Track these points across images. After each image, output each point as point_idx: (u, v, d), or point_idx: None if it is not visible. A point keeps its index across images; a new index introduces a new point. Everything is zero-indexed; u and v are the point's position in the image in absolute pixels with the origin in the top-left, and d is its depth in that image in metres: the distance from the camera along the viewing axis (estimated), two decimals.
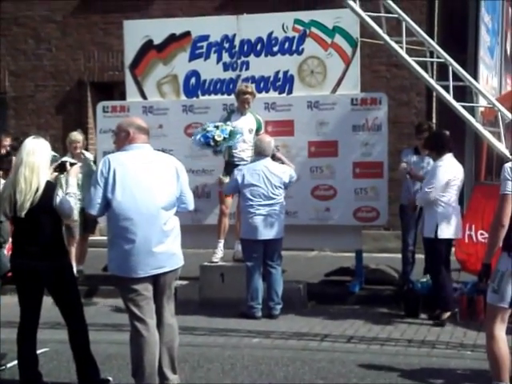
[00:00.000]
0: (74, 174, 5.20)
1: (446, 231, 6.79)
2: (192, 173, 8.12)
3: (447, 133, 7.19)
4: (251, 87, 7.69)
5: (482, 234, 7.44)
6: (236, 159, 7.65)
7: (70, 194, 5.02)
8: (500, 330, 4.44)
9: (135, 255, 4.63)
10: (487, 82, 11.30)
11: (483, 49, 10.74)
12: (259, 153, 7.27)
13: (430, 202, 6.80)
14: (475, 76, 10.16)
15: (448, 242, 6.91)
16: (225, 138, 7.45)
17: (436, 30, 10.41)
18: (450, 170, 6.83)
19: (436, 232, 6.75)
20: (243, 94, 7.59)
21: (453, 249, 7.21)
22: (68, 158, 7.90)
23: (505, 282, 4.38)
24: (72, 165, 5.20)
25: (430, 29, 10.28)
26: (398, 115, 10.23)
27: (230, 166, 7.61)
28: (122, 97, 8.75)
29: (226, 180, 7.58)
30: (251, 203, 7.08)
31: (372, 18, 6.21)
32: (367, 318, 7.01)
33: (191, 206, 4.94)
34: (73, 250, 8.31)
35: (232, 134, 7.46)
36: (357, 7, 6.14)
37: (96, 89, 11.68)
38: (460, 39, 10.76)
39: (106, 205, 4.71)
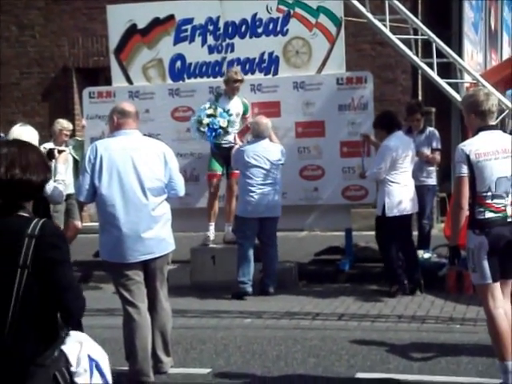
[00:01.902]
0: (63, 161, 5.22)
1: (393, 209, 6.85)
2: (180, 156, 8.11)
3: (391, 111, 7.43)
4: (241, 74, 7.67)
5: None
6: (223, 142, 7.67)
7: (58, 181, 5.03)
8: (495, 307, 4.45)
9: (124, 241, 4.68)
10: (472, 57, 11.33)
11: (467, 25, 10.76)
12: (257, 135, 7.33)
13: (379, 181, 6.96)
14: (460, 52, 10.20)
15: (401, 219, 6.92)
16: (229, 121, 7.47)
17: (420, 7, 10.42)
18: (396, 149, 6.92)
19: (384, 210, 6.84)
20: (234, 81, 7.60)
21: (442, 225, 7.29)
22: (51, 144, 7.95)
23: (478, 259, 4.42)
24: (60, 152, 5.21)
25: (413, 6, 10.28)
26: (384, 93, 10.25)
27: (216, 149, 7.64)
28: (108, 82, 8.73)
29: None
30: (252, 181, 7.16)
31: None
32: (358, 295, 7.09)
33: (182, 191, 4.98)
34: None
35: (228, 113, 7.50)
36: None
37: (81, 75, 11.63)
38: (444, 16, 10.78)
39: (95, 191, 4.74)
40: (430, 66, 5.95)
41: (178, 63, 8.22)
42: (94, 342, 2.71)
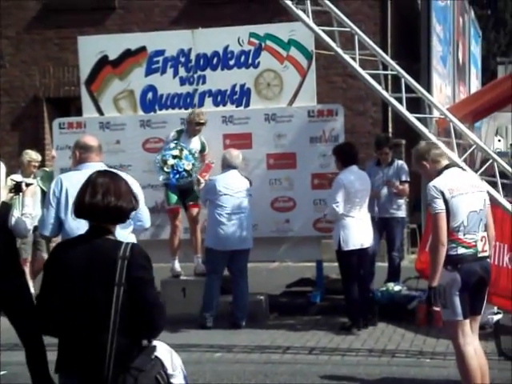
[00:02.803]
0: (30, 195, 5.17)
1: (349, 243, 6.85)
2: (151, 188, 8.12)
3: (353, 145, 7.39)
4: (204, 117, 7.66)
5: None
6: None
7: (25, 215, 4.99)
8: (465, 344, 4.46)
9: None
10: (441, 90, 11.53)
11: (436, 58, 10.97)
12: (228, 165, 7.32)
13: (337, 216, 6.87)
14: (428, 85, 10.38)
15: (358, 253, 6.90)
16: (193, 164, 7.46)
17: (389, 40, 10.58)
18: (349, 183, 6.90)
19: (339, 244, 6.85)
20: (196, 124, 7.59)
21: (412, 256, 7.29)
22: (19, 176, 7.86)
23: (449, 295, 4.44)
24: (28, 185, 5.16)
25: (383, 40, 10.46)
26: (355, 125, 10.37)
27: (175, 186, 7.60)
28: (79, 112, 8.69)
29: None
30: (222, 212, 7.12)
31: (325, 31, 6.26)
32: (328, 328, 7.06)
33: (148, 223, 4.95)
34: (26, 270, 8.20)
35: (193, 156, 7.48)
36: (310, 21, 6.20)
37: (52, 104, 11.59)
38: (413, 49, 10.96)
39: (60, 225, 4.69)
40: (400, 100, 6.02)
41: (150, 94, 8.21)
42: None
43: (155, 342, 3.06)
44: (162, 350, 3.07)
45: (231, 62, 8.06)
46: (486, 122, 14.84)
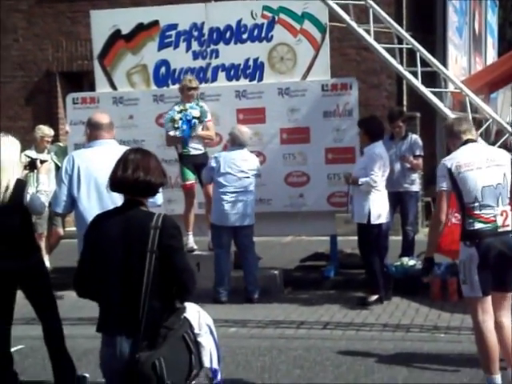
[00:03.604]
0: (45, 172, 5.15)
1: (379, 217, 6.85)
2: (165, 162, 8.04)
3: (380, 119, 7.30)
4: (196, 82, 7.62)
5: (455, 217, 7.54)
6: (191, 149, 7.61)
7: (41, 192, 4.98)
8: (484, 321, 4.45)
9: None
10: (456, 62, 11.39)
11: (451, 29, 10.82)
12: (239, 143, 7.28)
13: (371, 188, 6.84)
14: (444, 57, 10.27)
15: (381, 227, 6.92)
16: (201, 111, 7.44)
17: (404, 12, 10.42)
18: (382, 156, 6.93)
19: (369, 218, 6.81)
20: (188, 89, 7.54)
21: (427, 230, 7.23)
22: (33, 151, 7.90)
23: (468, 271, 4.43)
24: (42, 162, 5.16)
25: (398, 11, 10.31)
26: (369, 98, 10.28)
27: (186, 157, 7.60)
28: (92, 86, 8.68)
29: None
30: (225, 190, 7.12)
31: (340, 4, 6.18)
32: (343, 302, 7.07)
33: (160, 200, 4.95)
34: (42, 245, 8.26)
35: (198, 105, 7.46)
36: None
37: (65, 79, 11.56)
38: (429, 20, 10.81)
39: (72, 202, 4.72)
40: (415, 74, 5.95)
41: (163, 69, 8.19)
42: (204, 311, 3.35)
43: (186, 304, 3.28)
44: (191, 310, 3.29)
45: (244, 36, 8.00)
46: (501, 93, 14.65)
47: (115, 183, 3.32)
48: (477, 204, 4.42)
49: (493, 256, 4.40)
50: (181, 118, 7.43)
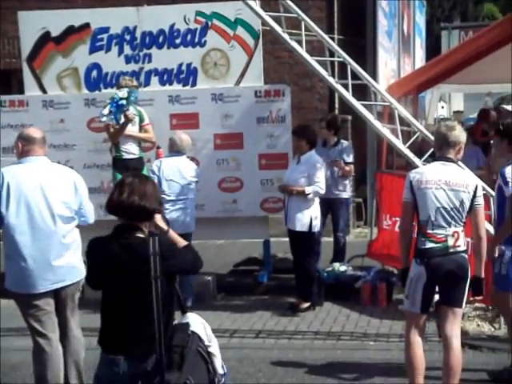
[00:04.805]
0: None
1: (317, 224, 6.96)
2: (97, 167, 8.08)
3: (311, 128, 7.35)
4: (134, 80, 7.55)
5: (387, 222, 7.75)
6: (124, 153, 7.50)
7: None
8: (414, 334, 4.58)
9: (33, 270, 4.61)
10: (386, 65, 11.63)
11: (381, 33, 11.04)
12: (178, 150, 7.25)
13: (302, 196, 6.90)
14: (374, 61, 10.47)
15: (316, 233, 7.02)
16: (128, 92, 7.25)
17: (336, 16, 10.56)
18: (322, 164, 7.09)
19: (311, 225, 6.89)
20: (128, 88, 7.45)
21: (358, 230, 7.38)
22: None
23: (414, 288, 4.54)
24: None
25: (330, 15, 10.45)
26: (302, 101, 10.39)
27: (119, 161, 7.49)
28: (20, 85, 8.48)
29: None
30: (167, 198, 7.07)
31: (272, 16, 6.23)
32: (275, 309, 7.16)
33: (91, 219, 4.93)
34: None
35: (129, 92, 7.28)
36: (257, 7, 6.15)
37: None
38: (360, 24, 10.99)
39: (0, 219, 4.64)
40: (346, 87, 6.06)
41: (94, 73, 8.08)
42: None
43: (189, 316, 3.43)
44: (196, 323, 3.42)
45: (177, 41, 7.96)
46: (429, 92, 15.04)
47: (111, 207, 3.38)
48: (430, 223, 4.50)
49: (441, 275, 4.50)
50: (109, 104, 7.29)
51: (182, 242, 3.52)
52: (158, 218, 3.49)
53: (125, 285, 3.27)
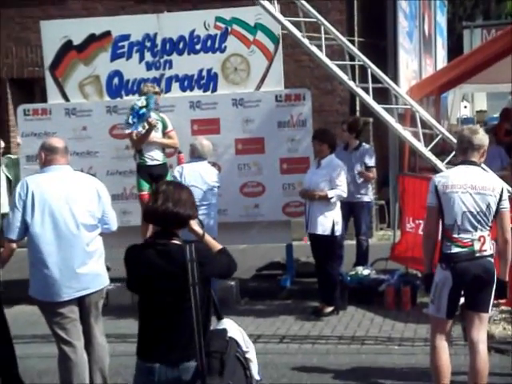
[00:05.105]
0: None
1: (340, 228, 6.96)
2: (119, 174, 8.13)
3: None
4: (156, 87, 7.58)
5: (410, 225, 7.70)
6: (148, 159, 7.54)
7: None
8: (440, 339, 4.55)
9: (58, 279, 4.64)
10: (407, 66, 11.57)
11: (402, 35, 10.99)
12: (199, 156, 7.28)
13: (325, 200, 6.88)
14: (395, 62, 10.42)
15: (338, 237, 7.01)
16: (146, 99, 7.27)
17: (356, 18, 10.53)
18: (344, 167, 7.08)
19: (333, 229, 6.87)
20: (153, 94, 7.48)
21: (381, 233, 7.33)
22: None
23: (439, 293, 4.51)
24: None
25: (350, 18, 10.41)
26: (323, 104, 10.37)
27: (142, 167, 7.54)
28: (43, 93, 8.57)
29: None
30: None
31: (292, 21, 6.23)
32: (299, 313, 7.15)
33: (114, 226, 4.96)
34: None
35: (147, 99, 7.31)
36: (276, 12, 6.15)
37: (16, 85, 11.37)
38: (380, 26, 10.94)
39: (26, 228, 4.68)
40: (366, 90, 6.03)
41: (116, 80, 8.13)
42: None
43: (225, 322, 3.48)
44: (233, 330, 3.47)
45: (197, 47, 7.99)
46: (452, 92, 14.95)
47: (147, 214, 3.46)
48: (455, 227, 4.47)
49: (468, 280, 4.47)
50: (131, 114, 7.36)
51: (217, 246, 3.56)
52: (193, 222, 3.51)
53: (161, 291, 3.31)
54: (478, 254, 4.48)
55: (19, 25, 11.14)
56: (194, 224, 3.52)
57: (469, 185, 4.49)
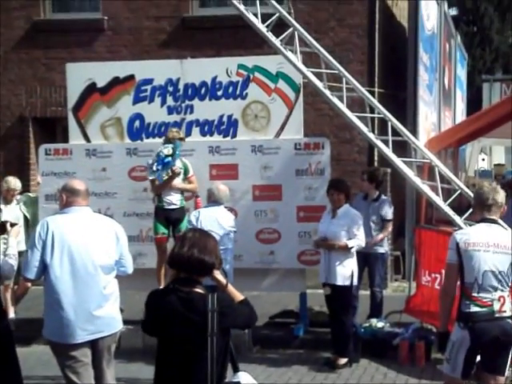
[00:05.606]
0: (15, 235, 5.14)
1: (356, 278, 6.94)
2: (136, 216, 8.16)
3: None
4: (181, 132, 7.65)
5: (426, 278, 7.64)
6: (166, 203, 7.57)
7: (9, 256, 4.96)
8: None
9: (73, 320, 4.62)
10: (427, 118, 11.61)
11: (422, 87, 11.04)
12: (216, 200, 7.30)
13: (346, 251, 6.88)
14: (415, 114, 10.46)
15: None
16: (173, 148, 7.36)
17: (377, 69, 10.63)
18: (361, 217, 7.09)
19: (352, 280, 6.84)
20: (178, 140, 7.53)
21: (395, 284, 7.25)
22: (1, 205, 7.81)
23: (456, 352, 4.43)
24: (12, 225, 5.13)
25: (370, 69, 10.50)
26: (341, 153, 10.40)
27: (160, 211, 7.57)
28: (65, 132, 8.68)
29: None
30: None
31: (313, 72, 6.30)
32: (311, 364, 7.06)
33: (130, 269, 4.96)
34: (8, 297, 8.13)
35: (174, 147, 7.39)
36: (299, 63, 6.23)
37: (38, 124, 11.52)
38: (400, 78, 11.03)
39: (44, 268, 4.69)
40: (386, 143, 6.06)
41: (137, 123, 8.23)
42: None
43: (241, 375, 3.50)
44: (247, 380, 3.52)
45: (219, 93, 8.09)
46: (470, 145, 14.97)
47: (172, 259, 3.47)
48: (476, 286, 4.42)
49: (486, 341, 4.40)
50: (156, 161, 7.43)
51: (239, 297, 3.57)
52: (216, 272, 3.51)
53: (180, 338, 3.33)
54: (497, 315, 4.41)
55: (45, 65, 11.33)
56: (218, 273, 3.53)
57: (491, 243, 4.45)
